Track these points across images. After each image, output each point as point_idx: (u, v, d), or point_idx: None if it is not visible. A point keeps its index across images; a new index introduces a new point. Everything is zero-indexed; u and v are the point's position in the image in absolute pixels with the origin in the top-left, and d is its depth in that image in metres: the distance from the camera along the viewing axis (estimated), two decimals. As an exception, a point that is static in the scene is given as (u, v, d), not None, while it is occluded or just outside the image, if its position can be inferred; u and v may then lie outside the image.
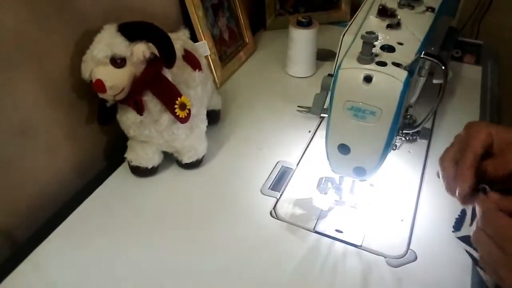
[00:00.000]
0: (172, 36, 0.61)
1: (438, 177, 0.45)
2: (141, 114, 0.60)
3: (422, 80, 0.65)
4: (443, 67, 0.47)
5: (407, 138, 0.60)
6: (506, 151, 0.43)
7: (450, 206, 0.64)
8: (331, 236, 0.60)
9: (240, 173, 0.70)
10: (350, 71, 0.48)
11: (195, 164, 0.70)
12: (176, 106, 0.60)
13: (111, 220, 0.62)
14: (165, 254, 0.58)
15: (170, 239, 0.60)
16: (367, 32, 0.47)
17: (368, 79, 0.47)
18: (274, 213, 0.64)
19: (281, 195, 0.67)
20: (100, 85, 0.56)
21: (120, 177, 0.69)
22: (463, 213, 0.48)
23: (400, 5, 0.62)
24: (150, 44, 0.57)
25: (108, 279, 0.55)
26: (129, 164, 0.68)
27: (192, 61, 0.67)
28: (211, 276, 0.55)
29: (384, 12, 0.58)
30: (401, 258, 0.57)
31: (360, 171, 0.55)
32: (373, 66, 0.47)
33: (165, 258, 0.57)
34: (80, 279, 0.55)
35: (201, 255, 0.57)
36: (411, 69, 0.48)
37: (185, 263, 0.57)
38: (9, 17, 0.53)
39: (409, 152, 0.74)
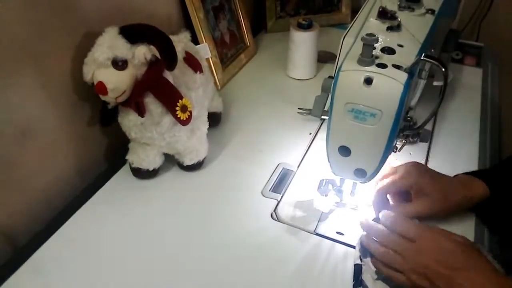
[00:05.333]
0: (173, 38, 0.61)
1: None
2: (142, 116, 0.60)
3: (422, 82, 0.65)
4: (443, 69, 0.47)
5: (408, 140, 0.60)
6: None
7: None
8: (332, 238, 0.60)
9: (241, 175, 0.70)
10: (351, 73, 0.48)
11: (196, 166, 0.70)
12: (177, 108, 0.60)
13: (113, 222, 0.62)
14: (166, 255, 0.58)
15: (170, 240, 0.60)
16: (367, 34, 0.47)
17: (368, 81, 0.47)
18: (275, 215, 0.64)
19: (282, 197, 0.67)
20: (101, 87, 0.56)
21: (121, 179, 0.69)
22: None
23: (400, 7, 0.62)
24: (152, 47, 0.57)
25: (108, 281, 0.55)
26: (130, 166, 0.68)
27: (193, 63, 0.67)
28: (211, 278, 0.55)
29: (384, 15, 0.58)
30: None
31: (360, 173, 0.55)
32: (373, 68, 0.47)
33: (165, 260, 0.57)
34: (81, 281, 0.55)
35: (202, 257, 0.58)
36: (411, 71, 0.48)
37: (185, 264, 0.57)
38: (10, 19, 0.53)
39: (410, 154, 0.74)
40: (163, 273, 0.56)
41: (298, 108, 0.84)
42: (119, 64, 0.56)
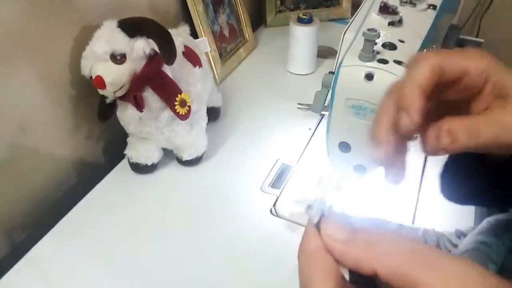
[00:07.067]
0: (173, 32, 0.60)
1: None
2: (140, 111, 0.59)
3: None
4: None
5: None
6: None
7: (450, 206, 0.64)
8: (331, 234, 0.60)
9: (240, 171, 0.70)
10: (352, 69, 0.48)
11: (195, 161, 0.70)
12: (176, 102, 0.59)
13: (111, 217, 0.62)
14: (165, 251, 0.57)
15: (169, 236, 0.60)
16: (368, 30, 0.46)
17: (369, 76, 0.47)
18: (274, 211, 0.64)
19: (281, 192, 0.66)
20: (100, 81, 0.55)
21: (119, 174, 0.69)
22: None
23: (402, 2, 0.62)
24: (150, 40, 0.57)
25: (106, 276, 0.55)
26: (128, 160, 0.68)
27: (192, 57, 0.67)
28: (210, 274, 0.55)
29: (385, 9, 0.57)
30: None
31: (360, 169, 0.55)
32: (374, 63, 0.47)
33: (164, 255, 0.57)
34: (79, 276, 0.55)
35: (200, 253, 0.57)
36: (412, 67, 0.47)
37: (184, 259, 0.56)
38: (8, 13, 0.52)
39: (410, 150, 0.74)
40: (162, 269, 0.55)
41: (298, 103, 0.83)
42: (118, 58, 0.56)
